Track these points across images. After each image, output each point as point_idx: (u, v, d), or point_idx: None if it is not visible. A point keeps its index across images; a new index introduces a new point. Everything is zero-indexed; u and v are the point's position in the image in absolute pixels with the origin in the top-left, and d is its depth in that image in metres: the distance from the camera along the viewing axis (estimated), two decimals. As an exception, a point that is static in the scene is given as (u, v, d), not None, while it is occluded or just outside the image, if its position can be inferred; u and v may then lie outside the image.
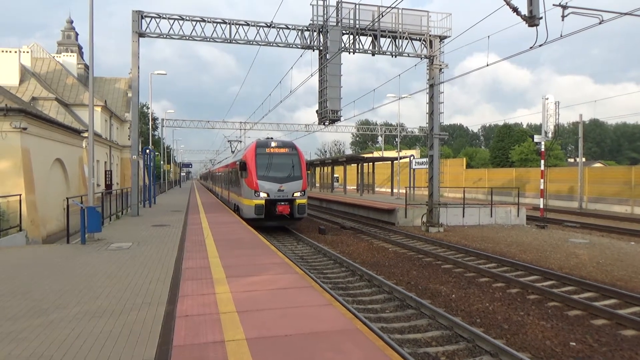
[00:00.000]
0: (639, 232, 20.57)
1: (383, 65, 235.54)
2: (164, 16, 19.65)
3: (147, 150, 30.86)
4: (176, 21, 19.70)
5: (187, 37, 19.85)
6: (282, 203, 18.26)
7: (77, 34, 69.78)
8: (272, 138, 21.09)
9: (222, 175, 33.34)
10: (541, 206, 25.35)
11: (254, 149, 19.09)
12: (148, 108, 61.77)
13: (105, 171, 38.21)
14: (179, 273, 8.44)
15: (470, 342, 7.26)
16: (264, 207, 18.07)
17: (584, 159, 39.54)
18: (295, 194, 18.57)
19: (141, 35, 19.71)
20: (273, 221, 18.72)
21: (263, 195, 18.11)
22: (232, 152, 37.74)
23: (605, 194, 34.22)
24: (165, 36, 19.76)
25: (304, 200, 18.86)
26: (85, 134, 22.05)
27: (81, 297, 6.88)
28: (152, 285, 7.58)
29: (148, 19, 19.69)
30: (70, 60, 43.72)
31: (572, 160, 79.01)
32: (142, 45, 19.96)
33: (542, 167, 25.24)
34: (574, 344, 7.32)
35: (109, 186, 36.68)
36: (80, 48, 66.72)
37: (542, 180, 25.23)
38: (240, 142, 41.27)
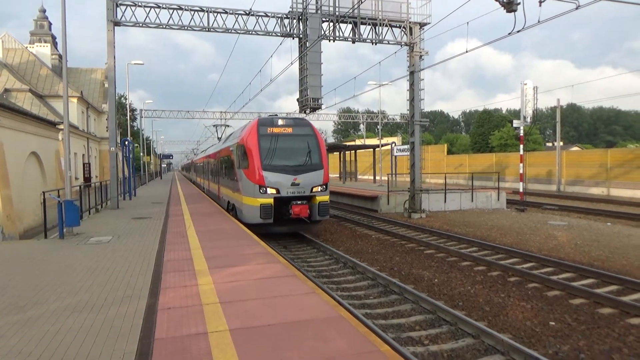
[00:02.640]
0: (615, 213, 21.09)
1: (365, 52, 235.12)
2: (140, 4, 19.17)
3: (126, 142, 30.30)
4: (152, 9, 19.23)
5: (164, 26, 19.42)
6: (298, 202, 14.15)
7: (50, 24, 67.54)
8: (277, 115, 18.29)
9: (208, 166, 28.00)
10: (521, 190, 25.79)
11: (256, 128, 14.78)
12: (126, 99, 60.65)
13: (84, 164, 37.49)
14: (161, 265, 8.35)
15: (453, 325, 7.36)
16: (272, 208, 13.91)
17: (561, 143, 40.29)
18: (315, 189, 14.40)
19: (116, 24, 19.20)
20: (285, 227, 14.77)
21: (271, 191, 13.95)
22: (219, 138, 32.77)
23: (583, 177, 34.95)
24: (141, 25, 19.31)
25: (326, 197, 14.73)
26: (61, 126, 21.55)
27: (60, 293, 6.75)
28: (133, 279, 7.47)
29: (123, 7, 19.18)
30: (43, 50, 42.59)
31: (550, 144, 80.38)
32: (116, 32, 19.39)
33: (521, 152, 25.62)
34: (553, 323, 7.49)
35: (87, 179, 36.01)
36: (54, 38, 64.65)
37: (521, 165, 25.62)
38: (227, 126, 36.66)
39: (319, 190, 14.52)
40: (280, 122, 15.14)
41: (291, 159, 14.61)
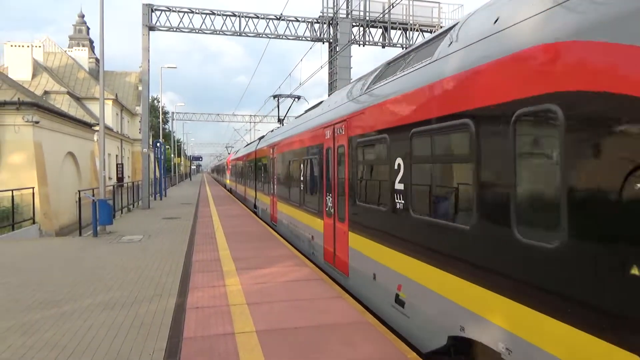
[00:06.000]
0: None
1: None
2: (174, 9, 19.66)
3: (158, 144, 31.01)
4: (186, 14, 19.70)
5: (197, 31, 19.86)
6: None
7: (88, 28, 70.20)
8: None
9: (277, 168, 14.00)
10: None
11: None
12: (158, 101, 62.08)
13: (117, 164, 38.53)
14: (190, 265, 8.49)
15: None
16: None
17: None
18: None
19: (151, 28, 19.73)
20: None
21: None
22: (280, 120, 18.96)
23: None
24: (175, 29, 19.79)
25: None
26: (97, 128, 22.22)
27: (93, 289, 6.95)
28: (162, 278, 7.62)
29: (158, 12, 19.70)
30: (81, 54, 44.07)
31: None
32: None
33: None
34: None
35: (120, 179, 36.99)
36: (91, 42, 67.09)
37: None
38: (298, 97, 18.98)
39: None
40: None
41: None
